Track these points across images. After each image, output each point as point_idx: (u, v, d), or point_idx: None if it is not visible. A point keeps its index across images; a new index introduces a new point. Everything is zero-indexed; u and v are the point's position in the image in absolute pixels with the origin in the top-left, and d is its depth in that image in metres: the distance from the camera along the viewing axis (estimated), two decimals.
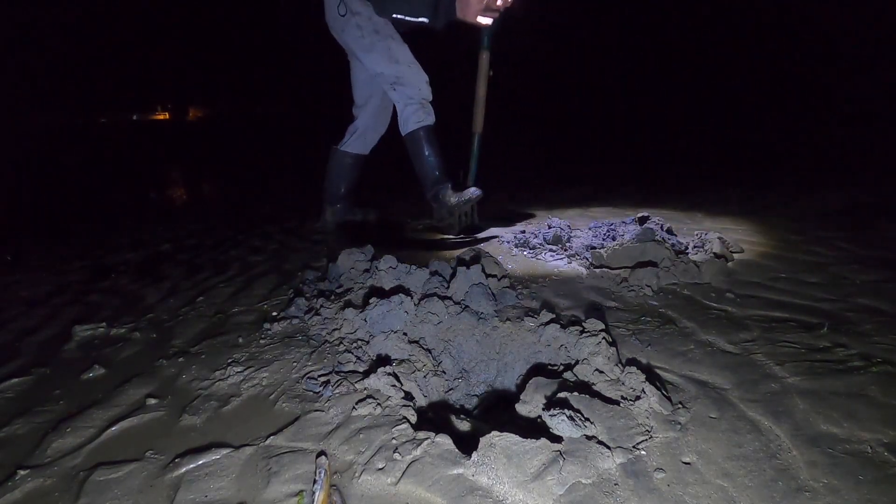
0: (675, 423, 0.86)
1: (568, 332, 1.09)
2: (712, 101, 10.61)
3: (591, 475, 0.74)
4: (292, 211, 3.11)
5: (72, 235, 2.75)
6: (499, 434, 0.78)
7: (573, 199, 3.06)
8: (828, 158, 4.34)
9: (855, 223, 2.14)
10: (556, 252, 1.85)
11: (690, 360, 1.07)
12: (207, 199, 4.18)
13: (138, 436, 0.94)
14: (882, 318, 1.22)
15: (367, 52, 2.05)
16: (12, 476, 0.84)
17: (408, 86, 2.07)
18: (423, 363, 1.10)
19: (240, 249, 2.25)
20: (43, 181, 5.70)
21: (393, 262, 1.48)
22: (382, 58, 2.03)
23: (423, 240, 2.24)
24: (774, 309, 1.31)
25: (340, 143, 2.39)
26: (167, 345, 1.32)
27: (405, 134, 2.16)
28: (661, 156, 5.38)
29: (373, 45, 2.03)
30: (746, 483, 0.73)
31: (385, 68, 2.05)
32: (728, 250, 1.71)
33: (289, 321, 1.35)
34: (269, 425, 0.93)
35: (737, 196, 2.89)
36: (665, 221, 1.96)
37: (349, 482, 0.78)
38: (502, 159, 5.26)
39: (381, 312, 1.21)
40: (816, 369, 1.00)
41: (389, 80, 2.07)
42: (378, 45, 2.03)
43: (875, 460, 0.76)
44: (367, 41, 2.03)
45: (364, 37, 2.02)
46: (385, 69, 2.05)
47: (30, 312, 1.62)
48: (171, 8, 24.41)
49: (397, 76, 2.05)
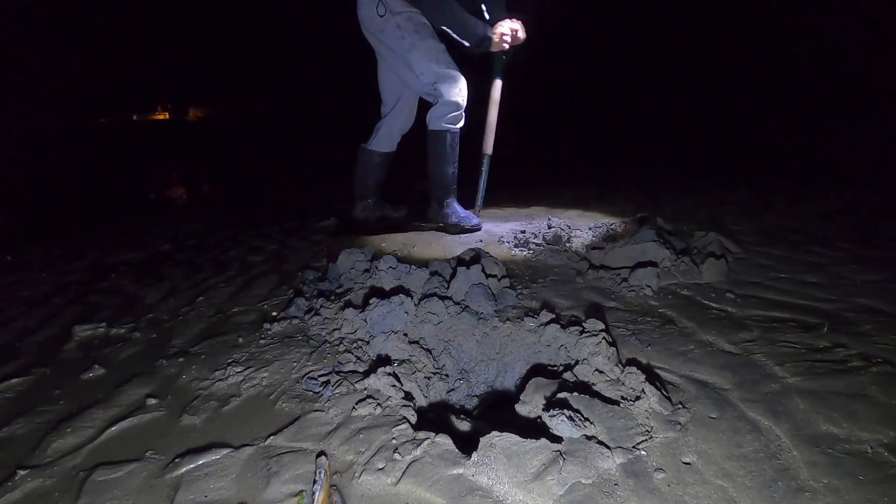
0: (675, 423, 0.86)
1: (568, 332, 1.09)
2: (712, 100, 10.61)
3: (591, 475, 0.74)
4: (292, 211, 3.11)
5: (72, 235, 2.75)
6: (499, 434, 0.78)
7: (573, 199, 3.06)
8: (828, 158, 4.34)
9: (855, 223, 2.13)
10: (557, 252, 1.85)
11: (690, 360, 1.07)
12: (207, 199, 4.18)
13: (138, 436, 0.95)
14: (882, 318, 1.21)
15: (409, 52, 2.07)
16: (12, 476, 0.84)
17: (447, 87, 2.10)
18: (423, 364, 1.10)
19: (240, 249, 2.25)
20: (43, 181, 5.70)
21: (393, 262, 1.48)
22: (424, 57, 2.06)
23: (423, 239, 2.24)
24: (774, 309, 1.31)
25: (367, 141, 2.44)
26: (167, 345, 1.32)
27: (432, 129, 2.17)
28: (661, 156, 5.38)
29: (413, 44, 2.06)
30: (746, 483, 0.73)
31: (426, 68, 2.08)
32: (728, 250, 1.71)
33: (289, 321, 1.35)
34: (269, 425, 0.93)
35: (736, 197, 2.89)
36: (665, 222, 1.96)
37: (349, 482, 0.78)
38: (503, 159, 5.26)
39: (381, 313, 1.21)
40: (816, 369, 1.00)
41: (430, 78, 2.09)
42: (419, 45, 2.06)
43: (875, 460, 0.76)
44: (407, 41, 2.06)
45: (405, 37, 2.05)
46: (426, 69, 2.08)
47: (30, 312, 1.62)
48: (172, 8, 24.41)
49: (438, 76, 2.08)
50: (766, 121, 8.13)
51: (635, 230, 1.84)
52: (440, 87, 2.09)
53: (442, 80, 2.08)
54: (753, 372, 1.01)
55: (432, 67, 2.07)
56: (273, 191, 4.19)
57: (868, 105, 7.92)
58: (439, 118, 2.13)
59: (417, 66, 2.08)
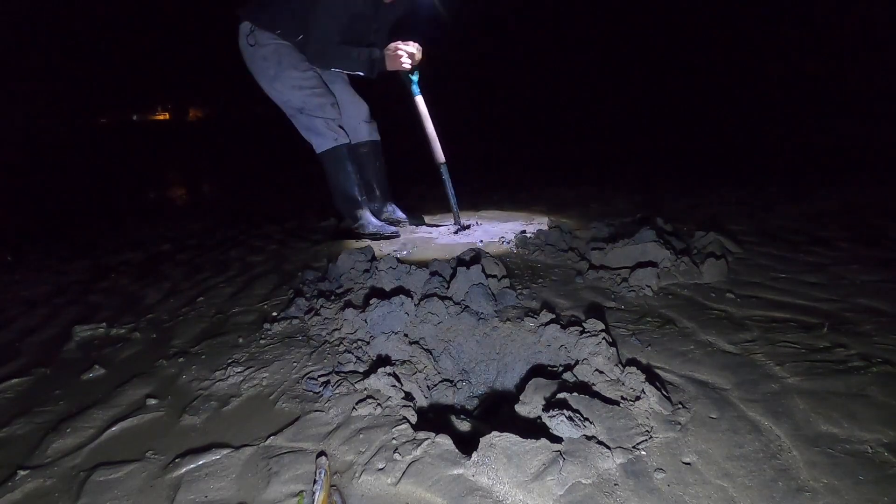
0: (675, 423, 0.86)
1: (568, 332, 1.09)
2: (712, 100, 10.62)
3: (591, 475, 0.74)
4: (292, 211, 3.11)
5: (72, 235, 2.75)
6: (499, 434, 0.78)
7: (573, 199, 3.06)
8: (828, 159, 4.34)
9: (855, 223, 2.13)
10: (557, 252, 1.85)
11: (690, 360, 1.07)
12: (208, 199, 4.18)
13: (138, 436, 0.94)
14: (882, 318, 1.21)
15: (272, 81, 2.15)
16: (12, 476, 0.84)
17: (313, 110, 2.16)
18: (424, 365, 1.10)
19: (240, 249, 2.25)
20: (43, 181, 5.70)
21: (393, 263, 1.48)
22: (286, 86, 2.13)
23: (423, 240, 2.24)
24: (774, 309, 1.31)
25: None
26: (167, 345, 1.32)
27: (319, 153, 2.22)
28: (661, 156, 5.38)
29: (277, 75, 2.13)
30: (746, 483, 0.73)
31: (290, 96, 2.15)
32: (728, 250, 1.71)
33: (289, 321, 1.35)
34: (269, 425, 0.93)
35: (736, 197, 2.89)
36: (665, 222, 1.96)
37: (349, 482, 0.78)
38: (502, 160, 5.26)
39: (381, 314, 1.21)
40: (816, 369, 1.00)
41: (296, 106, 2.16)
42: (282, 75, 2.12)
43: (875, 460, 0.76)
44: (272, 72, 2.13)
45: (269, 67, 2.13)
46: (290, 97, 2.15)
47: (30, 312, 1.62)
48: (172, 8, 24.42)
49: (303, 102, 2.15)
50: (766, 121, 8.13)
51: (635, 230, 1.84)
52: (307, 110, 2.16)
53: (308, 104, 2.15)
54: (753, 372, 1.01)
55: (296, 94, 2.14)
56: (273, 191, 4.19)
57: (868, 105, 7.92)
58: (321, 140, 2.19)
59: (283, 95, 2.15)
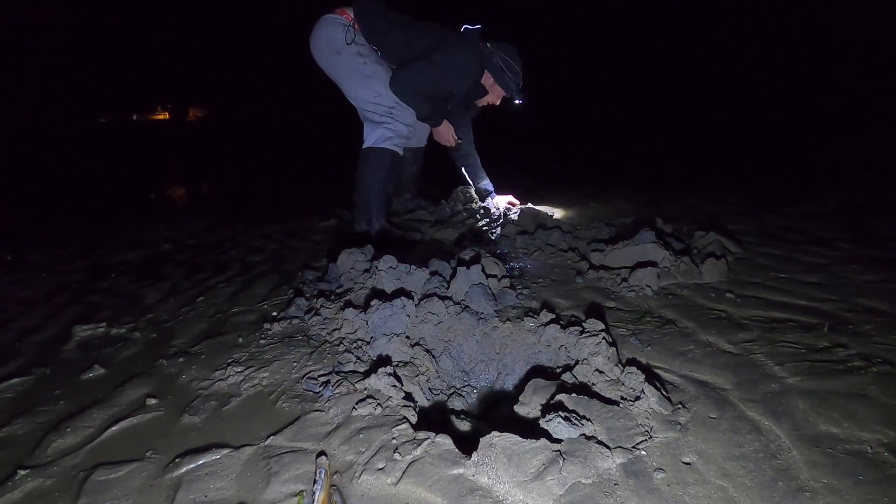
0: (675, 423, 0.86)
1: (568, 332, 1.09)
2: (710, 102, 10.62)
3: (590, 475, 0.74)
4: (292, 211, 3.11)
5: (72, 235, 2.75)
6: (499, 434, 0.78)
7: (574, 199, 3.06)
8: (828, 159, 4.33)
9: (855, 223, 2.13)
10: (556, 252, 1.85)
11: (690, 360, 1.07)
12: (208, 199, 4.18)
13: (138, 436, 0.94)
14: (882, 318, 1.21)
15: (367, 78, 2.17)
16: (12, 476, 0.84)
17: (403, 113, 2.21)
18: (425, 367, 1.10)
19: (240, 249, 2.25)
20: (43, 181, 5.70)
21: (393, 262, 1.48)
22: (384, 86, 2.16)
23: (423, 239, 2.24)
24: (774, 309, 1.31)
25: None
26: (167, 345, 1.32)
27: (374, 146, 2.21)
28: (661, 156, 5.38)
29: (376, 72, 2.17)
30: (746, 483, 0.73)
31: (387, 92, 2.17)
32: (728, 250, 1.71)
33: (289, 321, 1.35)
34: (269, 425, 0.93)
35: (736, 197, 2.89)
36: (665, 222, 1.96)
37: (349, 482, 0.78)
38: (503, 160, 5.25)
39: (382, 315, 1.21)
40: (816, 369, 1.00)
41: (390, 102, 2.19)
42: (381, 73, 2.18)
43: (875, 460, 0.76)
44: (369, 68, 2.17)
45: (367, 64, 2.17)
46: (387, 93, 2.17)
47: (30, 312, 1.62)
48: (172, 8, 24.42)
49: (396, 103, 2.19)
50: (766, 121, 8.13)
51: (635, 230, 1.84)
52: (396, 112, 2.20)
53: (399, 105, 2.19)
54: (753, 372, 1.01)
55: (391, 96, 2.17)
56: (273, 191, 4.20)
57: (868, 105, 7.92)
58: (386, 138, 2.20)
59: (380, 89, 2.18)
